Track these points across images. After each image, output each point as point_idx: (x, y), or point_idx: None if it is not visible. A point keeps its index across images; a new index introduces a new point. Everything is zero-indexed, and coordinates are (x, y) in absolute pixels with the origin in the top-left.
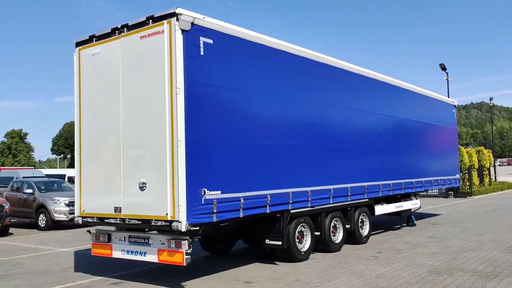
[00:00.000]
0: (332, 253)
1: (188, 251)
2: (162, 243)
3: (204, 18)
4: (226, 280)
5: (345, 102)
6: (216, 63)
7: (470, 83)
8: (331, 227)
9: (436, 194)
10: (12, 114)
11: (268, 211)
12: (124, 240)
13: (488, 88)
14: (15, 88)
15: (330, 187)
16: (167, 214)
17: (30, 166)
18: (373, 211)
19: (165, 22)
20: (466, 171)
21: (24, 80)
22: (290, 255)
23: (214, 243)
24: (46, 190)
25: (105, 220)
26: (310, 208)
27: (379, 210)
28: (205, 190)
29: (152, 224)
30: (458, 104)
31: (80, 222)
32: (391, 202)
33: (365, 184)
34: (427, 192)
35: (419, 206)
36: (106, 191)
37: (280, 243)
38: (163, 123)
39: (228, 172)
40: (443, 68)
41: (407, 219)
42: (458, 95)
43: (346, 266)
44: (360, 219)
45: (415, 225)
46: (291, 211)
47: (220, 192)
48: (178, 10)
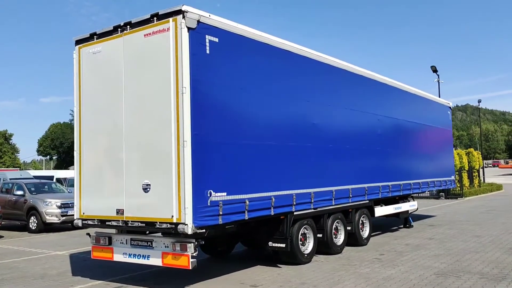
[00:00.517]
0: (334, 255)
1: (194, 254)
2: (166, 246)
3: (210, 16)
4: (232, 284)
5: (346, 103)
6: (221, 62)
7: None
8: (333, 229)
9: (428, 195)
10: None
11: (272, 213)
12: (125, 243)
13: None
14: None
15: (332, 188)
16: (172, 217)
17: (15, 167)
18: (373, 212)
19: (170, 19)
20: (457, 173)
21: (7, 80)
22: (293, 257)
23: (214, 246)
24: (37, 192)
25: (106, 223)
26: (312, 210)
27: (379, 211)
28: (211, 191)
29: (157, 226)
30: None
31: (80, 224)
32: (389, 204)
33: (365, 185)
34: (418, 194)
35: (417, 207)
36: (107, 193)
37: (283, 245)
38: (169, 123)
39: (233, 173)
40: (434, 70)
41: (404, 220)
42: (443, 97)
43: (350, 269)
44: (360, 221)
45: (412, 226)
46: (295, 213)
47: (225, 193)
48: (184, 8)
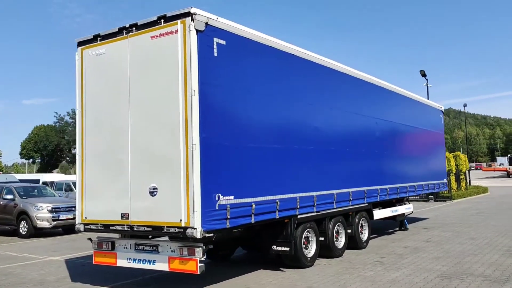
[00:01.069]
0: (335, 258)
1: (202, 259)
2: (173, 251)
3: (217, 19)
4: None
5: (347, 106)
6: (229, 64)
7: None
8: (334, 232)
9: (417, 198)
10: None
11: (277, 216)
12: (129, 248)
13: (455, 95)
14: None
15: (334, 191)
16: (181, 221)
17: None
18: (371, 215)
19: (178, 22)
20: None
21: None
22: (297, 261)
23: (216, 250)
24: (27, 196)
25: (110, 227)
26: (315, 213)
27: (377, 214)
28: (219, 195)
29: (164, 231)
30: None
31: (82, 229)
32: (386, 207)
33: (365, 188)
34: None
35: (412, 210)
36: (111, 196)
37: (287, 249)
38: (177, 126)
39: (240, 176)
40: (423, 75)
41: (400, 223)
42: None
43: (354, 272)
44: (360, 224)
45: (407, 229)
46: (298, 216)
47: (233, 197)
48: (193, 10)
